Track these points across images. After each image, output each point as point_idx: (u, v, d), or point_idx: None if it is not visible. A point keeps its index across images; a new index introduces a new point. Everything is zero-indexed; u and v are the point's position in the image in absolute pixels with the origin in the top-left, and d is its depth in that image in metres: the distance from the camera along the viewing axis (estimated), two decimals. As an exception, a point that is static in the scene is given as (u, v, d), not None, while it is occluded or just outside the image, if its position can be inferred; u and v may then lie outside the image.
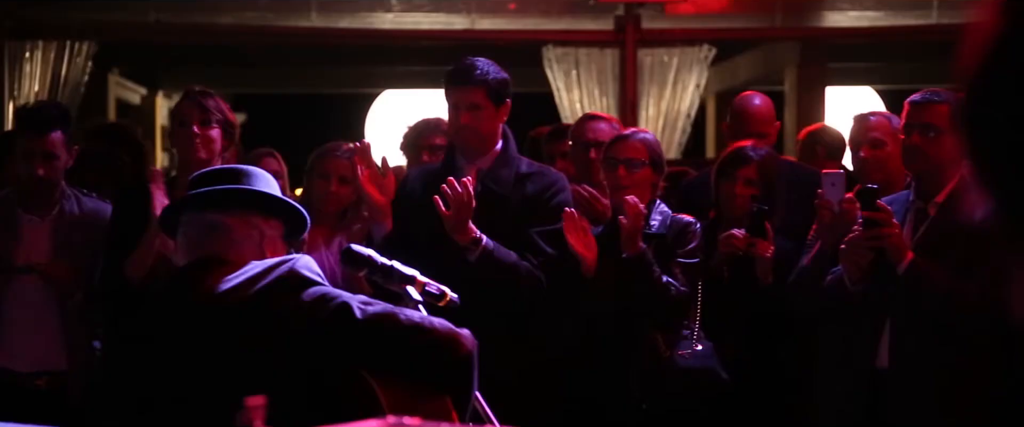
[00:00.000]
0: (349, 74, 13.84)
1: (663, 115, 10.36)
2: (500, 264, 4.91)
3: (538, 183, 5.16)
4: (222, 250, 3.15)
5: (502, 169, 5.12)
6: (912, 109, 4.88)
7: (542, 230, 5.07)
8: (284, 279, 3.03)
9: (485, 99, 5.06)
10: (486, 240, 4.89)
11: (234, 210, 3.22)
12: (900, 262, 4.68)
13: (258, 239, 3.20)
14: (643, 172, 5.30)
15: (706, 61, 10.46)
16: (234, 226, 3.19)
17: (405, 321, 2.99)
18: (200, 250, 3.18)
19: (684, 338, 5.32)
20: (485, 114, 5.08)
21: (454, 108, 5.10)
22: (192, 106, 5.16)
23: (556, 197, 5.16)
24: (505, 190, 5.09)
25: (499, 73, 5.13)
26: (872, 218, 4.68)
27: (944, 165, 4.81)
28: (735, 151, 5.59)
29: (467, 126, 5.07)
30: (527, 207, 5.10)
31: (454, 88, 5.10)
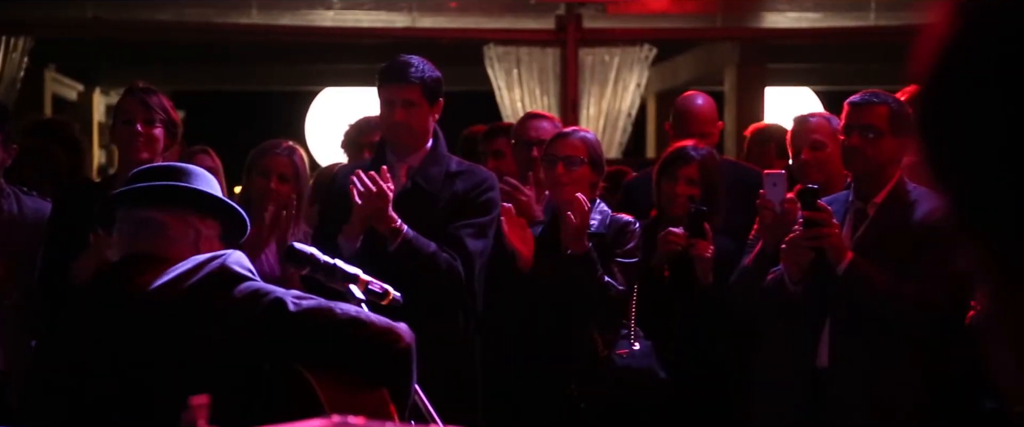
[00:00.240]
0: (289, 72, 13.78)
1: (604, 114, 10.38)
2: (419, 255, 4.93)
3: (468, 181, 5.19)
4: (156, 247, 3.12)
5: (432, 167, 5.14)
6: (851, 110, 4.92)
7: (469, 223, 5.09)
8: (215, 275, 3.00)
9: (420, 97, 5.08)
10: (407, 229, 4.92)
11: (171, 208, 3.19)
12: (840, 262, 4.72)
13: (193, 238, 3.18)
14: (582, 170, 5.31)
15: (647, 61, 10.49)
16: (169, 223, 3.16)
17: (341, 314, 2.98)
18: (134, 246, 3.15)
19: (622, 337, 5.33)
20: (419, 111, 5.10)
21: (388, 105, 5.12)
22: (136, 103, 5.12)
23: (485, 195, 5.19)
24: (435, 188, 5.11)
25: (434, 72, 5.16)
26: (812, 218, 4.71)
27: (883, 166, 4.86)
28: (677, 151, 5.61)
29: (401, 123, 5.09)
30: (456, 205, 5.13)
31: (389, 85, 5.12)
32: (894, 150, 4.85)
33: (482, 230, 5.14)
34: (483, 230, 5.14)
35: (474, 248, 5.08)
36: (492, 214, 5.20)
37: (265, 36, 10.81)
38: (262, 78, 14.26)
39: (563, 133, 5.47)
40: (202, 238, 3.19)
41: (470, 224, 5.11)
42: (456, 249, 5.03)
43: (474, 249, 5.08)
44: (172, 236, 3.15)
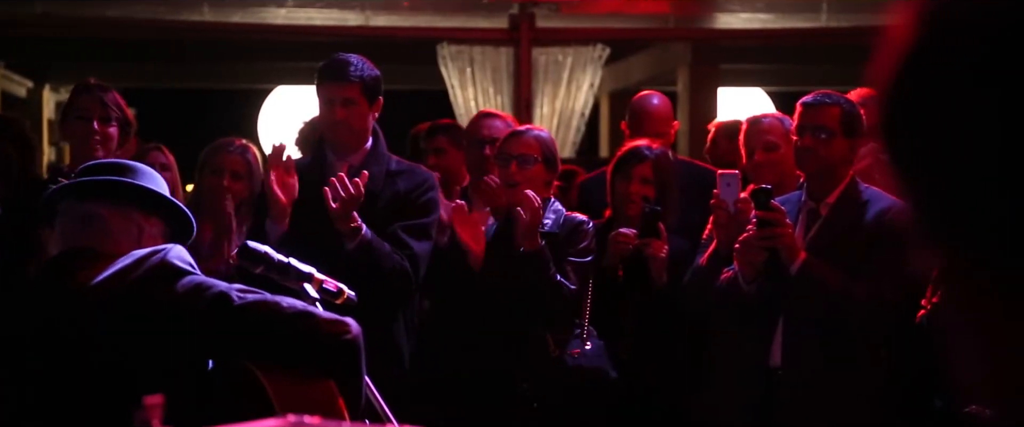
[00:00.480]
0: (242, 69, 13.72)
1: (557, 114, 10.39)
2: (376, 254, 4.93)
3: (408, 181, 5.20)
4: (98, 242, 3.09)
5: (372, 166, 5.14)
6: (804, 111, 4.95)
7: (412, 225, 5.09)
8: (157, 269, 2.97)
9: (360, 95, 5.09)
10: (366, 230, 4.93)
11: (115, 203, 3.16)
12: (793, 262, 4.75)
13: (136, 234, 3.14)
14: (536, 169, 5.31)
15: (600, 61, 10.51)
16: (111, 218, 3.13)
17: (287, 307, 2.96)
18: (75, 241, 3.11)
19: (574, 337, 5.33)
20: (359, 110, 5.10)
21: (328, 103, 5.12)
22: (93, 101, 5.08)
23: (425, 196, 5.20)
24: (375, 187, 5.11)
25: (373, 70, 5.15)
26: (766, 218, 4.73)
27: (835, 166, 4.89)
28: (631, 150, 5.62)
29: (342, 121, 5.09)
30: (396, 204, 5.14)
31: (328, 84, 5.11)
32: (846, 151, 4.88)
33: (425, 232, 5.15)
34: (426, 231, 5.16)
35: (419, 249, 5.09)
36: (434, 215, 5.22)
37: (217, 33, 10.76)
38: (214, 75, 14.19)
39: (516, 132, 5.47)
40: (145, 235, 3.16)
41: (413, 225, 5.11)
42: (403, 251, 5.04)
43: (419, 250, 5.09)
44: (114, 232, 3.11)
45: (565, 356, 5.27)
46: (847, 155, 4.89)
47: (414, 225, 5.11)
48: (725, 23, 11.21)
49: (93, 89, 5.13)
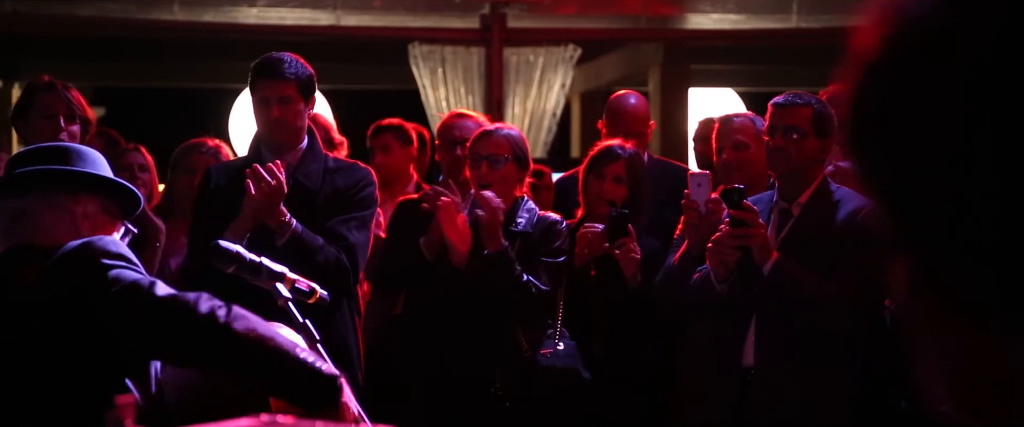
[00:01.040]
0: (214, 69, 13.68)
1: (529, 114, 10.40)
2: (307, 248, 4.93)
3: (347, 177, 5.21)
4: (31, 237, 3.06)
5: (310, 163, 5.15)
6: (775, 111, 4.96)
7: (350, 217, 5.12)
8: (78, 262, 2.93)
9: (295, 93, 5.08)
10: (296, 224, 4.94)
11: (39, 193, 3.11)
12: (765, 262, 4.76)
13: (70, 221, 3.09)
14: (507, 168, 5.31)
15: (571, 61, 10.52)
16: (38, 211, 3.08)
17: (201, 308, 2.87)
18: (12, 239, 3.08)
19: (547, 337, 5.34)
20: (295, 108, 5.09)
21: (264, 102, 5.10)
22: (57, 100, 5.07)
23: (364, 190, 5.21)
24: (314, 184, 5.13)
25: (307, 68, 5.15)
26: (739, 217, 4.75)
27: (807, 166, 4.91)
28: (603, 149, 5.63)
29: (279, 119, 5.08)
30: (335, 200, 5.15)
31: (264, 82, 5.09)
32: (817, 151, 4.90)
33: (364, 223, 5.17)
34: (365, 223, 5.17)
35: (357, 241, 5.10)
36: (372, 208, 5.24)
37: (188, 33, 10.73)
38: (186, 75, 14.14)
39: (486, 131, 5.46)
40: (79, 218, 3.10)
41: (352, 217, 5.13)
42: (339, 243, 5.05)
43: (357, 241, 5.10)
44: (44, 224, 3.06)
45: (537, 356, 5.28)
46: (818, 155, 4.91)
47: (351, 217, 5.12)
48: (696, 24, 11.24)
49: (55, 87, 5.11)
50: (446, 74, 10.34)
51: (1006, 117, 0.82)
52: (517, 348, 5.27)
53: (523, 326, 5.30)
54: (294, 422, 1.99)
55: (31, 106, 5.19)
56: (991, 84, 0.83)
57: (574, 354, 5.32)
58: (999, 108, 0.82)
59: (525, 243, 5.22)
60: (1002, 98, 0.82)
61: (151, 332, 2.85)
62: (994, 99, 0.83)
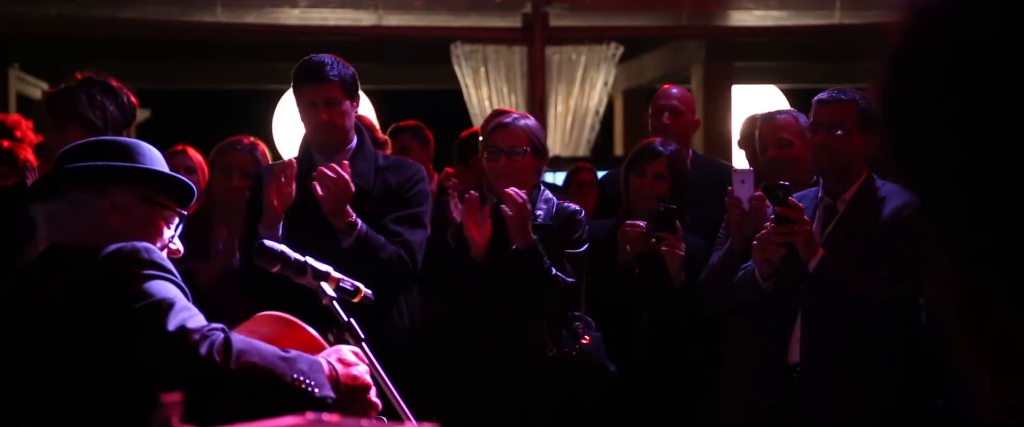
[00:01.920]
0: (255, 70, 13.74)
1: (571, 112, 10.40)
2: (373, 247, 4.94)
3: (399, 175, 5.22)
4: (63, 237, 3.05)
5: (361, 163, 5.15)
6: (819, 108, 4.94)
7: (405, 215, 5.12)
8: (106, 267, 2.91)
9: (340, 94, 5.09)
10: (361, 224, 4.94)
11: (64, 193, 3.10)
12: (811, 259, 4.74)
13: (94, 217, 3.06)
14: (525, 160, 5.26)
15: (614, 59, 10.51)
16: (65, 210, 3.08)
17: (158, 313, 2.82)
18: (49, 240, 3.09)
19: (572, 332, 5.30)
20: (342, 109, 5.11)
21: (311, 106, 5.10)
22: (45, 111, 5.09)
23: (416, 187, 5.21)
24: (366, 183, 5.13)
25: (349, 68, 5.16)
26: (784, 214, 4.72)
27: (852, 162, 4.88)
28: (645, 146, 5.61)
29: (326, 122, 5.09)
30: (388, 198, 5.15)
31: (309, 86, 5.10)
32: (862, 146, 4.86)
33: (419, 220, 5.17)
34: (420, 220, 5.18)
35: (414, 237, 5.11)
36: (426, 204, 5.23)
37: (230, 34, 10.77)
38: (228, 76, 14.20)
39: (503, 123, 5.36)
40: (106, 213, 3.07)
41: (405, 215, 5.13)
42: (397, 240, 5.05)
43: (414, 238, 5.11)
44: (71, 223, 3.05)
45: (563, 350, 5.25)
46: (863, 151, 4.88)
47: (406, 215, 5.13)
48: (739, 21, 11.20)
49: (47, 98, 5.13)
50: (488, 73, 10.35)
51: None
52: (542, 343, 5.24)
53: (549, 320, 5.27)
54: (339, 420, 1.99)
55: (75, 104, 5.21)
56: (1005, 68, 0.83)
57: (600, 347, 5.29)
58: (1017, 90, 0.82)
59: (545, 235, 5.19)
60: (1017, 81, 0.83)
61: (152, 365, 2.81)
62: (1012, 81, 0.83)
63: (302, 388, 2.81)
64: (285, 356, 2.85)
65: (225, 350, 2.75)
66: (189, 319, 2.80)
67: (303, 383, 2.82)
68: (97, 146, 3.23)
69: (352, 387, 2.99)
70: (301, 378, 2.83)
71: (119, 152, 3.18)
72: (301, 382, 2.82)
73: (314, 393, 2.83)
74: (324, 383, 2.89)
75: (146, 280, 2.86)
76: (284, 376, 2.80)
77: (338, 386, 2.93)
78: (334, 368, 2.97)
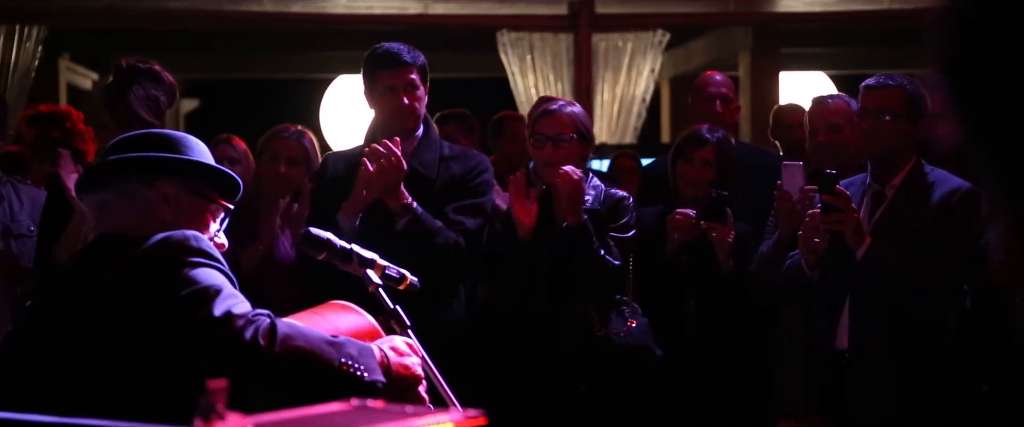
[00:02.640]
0: (303, 59, 13.79)
1: (618, 100, 10.37)
2: (427, 231, 4.97)
3: (462, 165, 5.24)
4: (114, 227, 3.06)
5: (426, 152, 5.18)
6: (866, 93, 4.91)
7: (466, 205, 5.14)
8: (154, 255, 2.92)
9: (418, 80, 5.15)
10: (416, 206, 4.97)
11: (114, 183, 3.11)
12: (858, 247, 4.71)
13: (144, 208, 3.07)
14: (571, 146, 5.26)
15: (660, 46, 10.48)
16: (114, 200, 3.09)
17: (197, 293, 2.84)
18: (98, 229, 3.10)
19: (620, 315, 5.30)
20: (419, 94, 5.15)
21: (390, 90, 5.14)
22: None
23: (479, 177, 5.24)
24: (430, 172, 5.16)
25: (421, 55, 5.22)
26: (832, 203, 4.70)
27: (900, 148, 4.85)
28: (692, 134, 5.60)
29: (408, 106, 5.13)
30: (451, 188, 5.18)
31: (388, 71, 5.14)
32: (910, 132, 4.83)
33: (480, 210, 5.19)
34: (481, 210, 5.20)
35: (474, 227, 5.13)
36: (488, 195, 5.24)
37: (278, 24, 10.81)
38: (276, 65, 14.26)
39: (549, 110, 5.37)
40: (156, 204, 3.08)
41: (466, 205, 5.15)
42: (457, 228, 5.08)
43: (474, 228, 5.13)
44: (121, 213, 3.06)
45: (610, 334, 5.25)
46: (911, 136, 4.85)
47: (467, 204, 5.15)
48: (787, 6, 11.13)
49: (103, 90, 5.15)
50: (535, 61, 10.34)
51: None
52: (589, 325, 5.24)
53: (596, 303, 5.26)
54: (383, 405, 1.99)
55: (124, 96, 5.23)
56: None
57: (647, 332, 5.28)
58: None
59: (593, 219, 5.19)
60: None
61: (197, 350, 2.83)
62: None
63: (350, 372, 2.82)
64: (333, 341, 2.86)
65: (270, 335, 2.76)
66: (235, 305, 2.82)
67: (351, 367, 2.83)
68: (145, 138, 3.25)
69: (403, 377, 3.00)
70: (349, 362, 2.83)
71: (167, 145, 3.20)
72: (349, 366, 2.83)
73: (363, 377, 2.84)
74: (374, 368, 2.90)
75: (193, 267, 2.87)
76: (331, 360, 2.81)
77: (389, 373, 2.94)
78: (386, 355, 2.97)
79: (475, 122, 7.35)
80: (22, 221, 5.33)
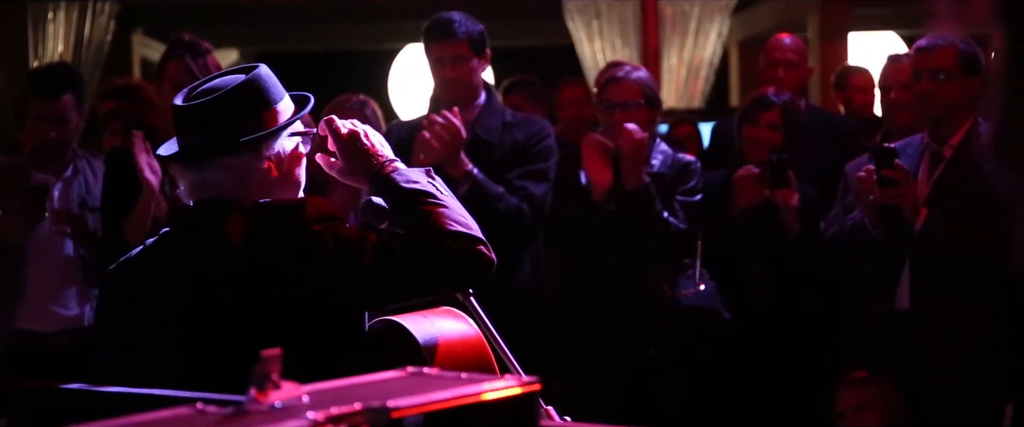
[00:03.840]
0: (371, 30, 13.83)
1: (686, 65, 10.33)
2: (489, 197, 5.01)
3: (525, 131, 5.27)
4: (215, 194, 3.05)
5: (488, 118, 5.22)
6: (919, 55, 4.89)
7: (530, 170, 5.16)
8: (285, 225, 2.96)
9: (468, 51, 5.17)
10: (478, 173, 5.01)
11: (216, 161, 3.04)
12: (915, 219, 4.70)
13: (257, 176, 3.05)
14: (639, 112, 5.27)
15: (728, 9, 10.41)
16: (217, 177, 3.04)
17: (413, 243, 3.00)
18: (194, 197, 3.09)
19: (687, 278, 5.31)
20: (469, 66, 5.18)
21: (438, 63, 5.20)
22: (183, 69, 5.14)
23: (542, 143, 5.26)
24: (493, 138, 5.19)
25: (477, 25, 5.23)
26: (890, 177, 4.68)
27: (956, 107, 4.82)
28: (758, 96, 5.60)
29: (454, 79, 5.18)
30: (514, 154, 5.21)
31: (436, 43, 5.19)
32: (966, 90, 4.80)
33: (544, 175, 5.22)
34: (545, 175, 5.22)
35: (537, 191, 5.15)
36: (551, 160, 5.26)
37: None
38: (343, 37, 14.32)
39: (615, 77, 5.40)
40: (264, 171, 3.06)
41: (532, 170, 5.17)
42: (520, 194, 5.10)
43: (538, 192, 5.15)
44: (223, 184, 3.03)
45: (678, 296, 5.26)
46: (967, 94, 4.81)
47: (531, 170, 5.18)
48: (856, -34, 11.02)
49: (184, 55, 5.17)
50: (602, 27, 10.31)
51: None
52: (658, 287, 5.25)
53: (661, 265, 5.28)
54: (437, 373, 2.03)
55: (164, 72, 5.26)
56: None
57: (714, 294, 5.29)
58: None
59: (660, 183, 5.21)
60: None
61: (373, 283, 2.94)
62: None
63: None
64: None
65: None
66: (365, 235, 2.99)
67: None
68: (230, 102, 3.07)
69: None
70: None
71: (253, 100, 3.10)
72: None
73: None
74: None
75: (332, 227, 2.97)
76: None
77: None
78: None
79: (544, 89, 7.36)
80: (97, 194, 5.42)
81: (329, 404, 1.76)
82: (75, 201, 5.40)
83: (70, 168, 5.45)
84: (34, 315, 5.33)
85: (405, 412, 1.82)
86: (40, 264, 5.36)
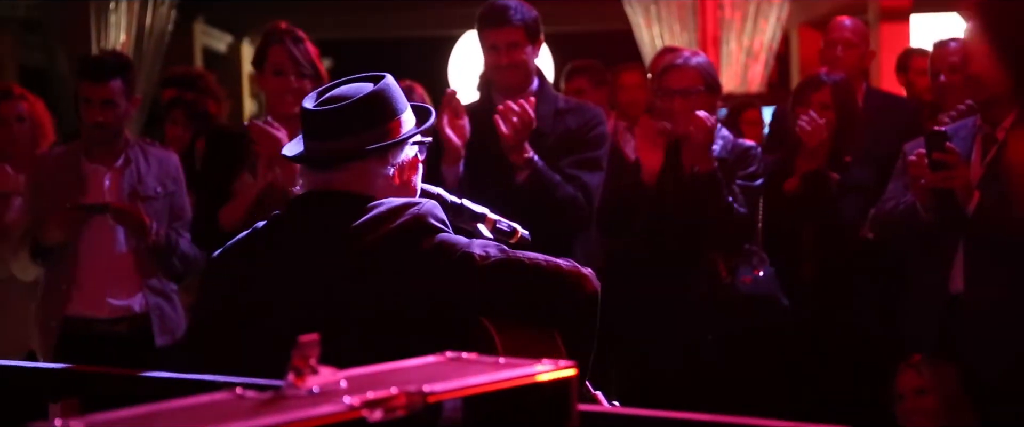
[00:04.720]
0: (431, 16, 13.87)
1: (745, 49, 10.28)
2: (547, 184, 5.02)
3: (578, 118, 5.28)
4: (347, 185, 3.10)
5: (541, 105, 5.20)
6: None
7: (583, 158, 5.17)
8: (410, 224, 2.99)
9: (522, 38, 5.19)
10: (538, 160, 5.01)
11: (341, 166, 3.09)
12: (968, 203, 4.67)
13: (384, 180, 3.11)
14: (698, 98, 5.25)
15: (787, -8, 10.35)
16: (342, 178, 3.09)
17: (529, 263, 2.98)
18: (322, 183, 3.12)
19: (746, 264, 5.30)
20: (522, 52, 5.19)
21: (493, 49, 5.22)
22: (285, 55, 5.16)
23: (595, 130, 5.27)
24: (546, 126, 5.19)
25: (531, 11, 5.25)
26: (942, 160, 4.65)
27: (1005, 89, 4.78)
28: (810, 77, 5.60)
29: (507, 65, 5.20)
30: (566, 141, 5.21)
31: (491, 29, 5.22)
32: None
33: (597, 163, 5.22)
34: (598, 163, 5.22)
35: (591, 179, 5.16)
36: (604, 147, 5.26)
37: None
38: (405, 23, 14.37)
39: (674, 64, 5.39)
40: (393, 178, 3.13)
41: (585, 158, 5.18)
42: (574, 182, 5.11)
43: (591, 180, 5.16)
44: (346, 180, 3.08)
45: (737, 282, 5.25)
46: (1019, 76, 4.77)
47: (584, 158, 5.19)
48: (917, -53, 10.92)
49: (285, 40, 5.19)
50: (660, 12, 10.28)
51: None
52: (716, 271, 5.24)
53: (722, 251, 5.27)
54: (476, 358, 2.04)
55: (264, 59, 5.27)
56: None
57: (773, 281, 5.27)
58: None
59: (721, 168, 5.19)
60: None
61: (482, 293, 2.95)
62: None
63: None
64: None
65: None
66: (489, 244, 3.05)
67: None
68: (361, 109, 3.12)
69: None
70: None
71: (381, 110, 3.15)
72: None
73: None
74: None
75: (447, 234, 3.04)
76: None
77: None
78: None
79: (606, 73, 7.36)
80: (148, 183, 5.46)
81: (366, 389, 1.77)
82: (126, 191, 5.45)
83: (122, 158, 5.50)
84: (88, 301, 5.41)
85: (442, 396, 1.83)
86: (91, 249, 5.43)
